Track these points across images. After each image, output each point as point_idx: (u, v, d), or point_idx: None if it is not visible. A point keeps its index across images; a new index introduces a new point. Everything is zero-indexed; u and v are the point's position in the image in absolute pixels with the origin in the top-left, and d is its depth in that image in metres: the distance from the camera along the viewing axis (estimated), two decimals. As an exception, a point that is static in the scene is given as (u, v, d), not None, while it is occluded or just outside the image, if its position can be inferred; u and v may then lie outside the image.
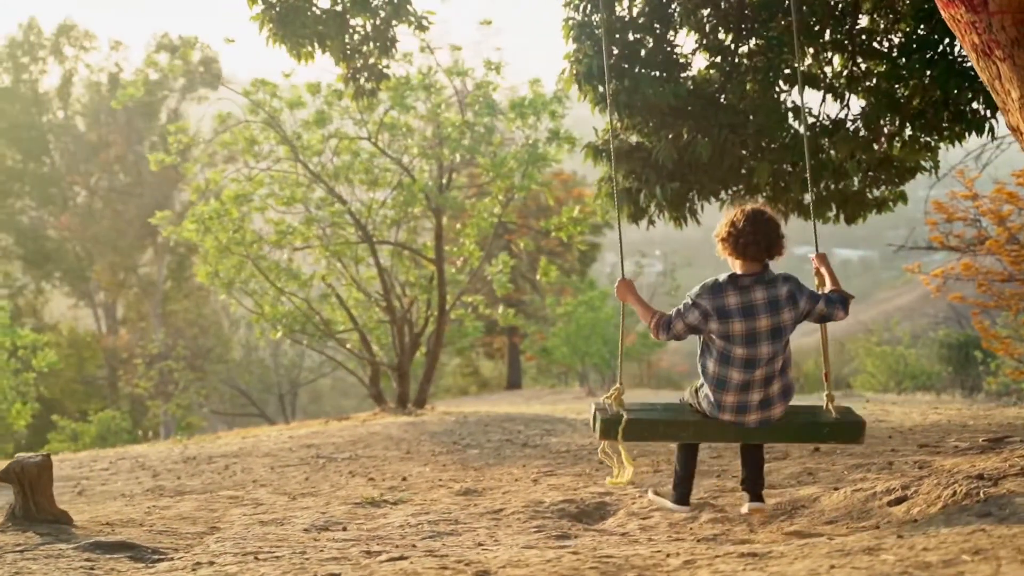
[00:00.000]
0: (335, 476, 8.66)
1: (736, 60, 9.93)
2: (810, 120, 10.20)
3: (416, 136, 16.13)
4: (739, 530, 5.57)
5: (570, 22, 9.84)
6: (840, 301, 5.22)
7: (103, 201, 42.84)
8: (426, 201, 15.93)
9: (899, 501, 5.48)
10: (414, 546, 5.05)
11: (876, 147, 10.05)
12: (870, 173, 10.45)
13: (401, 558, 4.42)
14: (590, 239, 43.00)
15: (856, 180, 10.59)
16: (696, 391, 5.31)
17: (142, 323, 41.66)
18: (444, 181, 16.52)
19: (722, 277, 5.10)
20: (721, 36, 9.92)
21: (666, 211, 10.31)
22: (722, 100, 9.85)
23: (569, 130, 15.50)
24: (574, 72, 9.80)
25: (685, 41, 10.11)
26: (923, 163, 10.26)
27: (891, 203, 10.81)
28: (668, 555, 3.99)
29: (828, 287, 5.40)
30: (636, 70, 9.66)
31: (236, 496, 7.08)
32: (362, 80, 10.21)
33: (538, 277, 19.83)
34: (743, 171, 10.19)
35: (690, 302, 5.14)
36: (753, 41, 9.90)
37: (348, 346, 17.73)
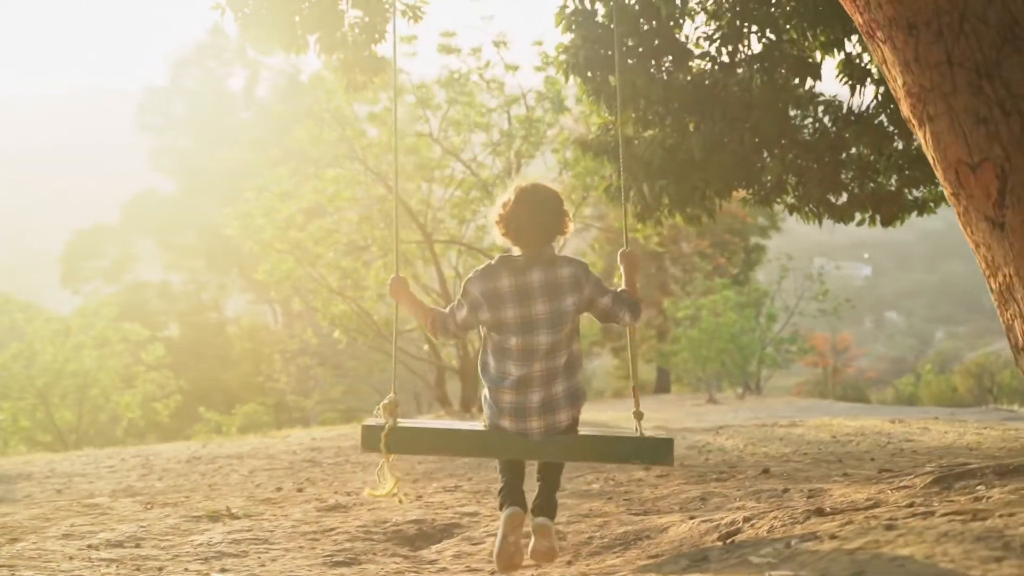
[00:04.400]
0: (275, 483, 8.41)
1: (735, 48, 9.13)
2: (833, 113, 9.36)
3: (481, 132, 15.72)
4: (560, 561, 5.02)
5: (565, 10, 9.31)
6: (629, 305, 4.35)
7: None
8: (490, 198, 15.47)
9: (731, 535, 4.82)
10: (159, 569, 4.71)
11: (899, 142, 9.12)
12: (906, 172, 9.50)
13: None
14: (756, 240, 41.47)
15: (894, 179, 9.68)
16: (484, 398, 4.42)
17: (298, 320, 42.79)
18: (510, 177, 15.93)
19: (495, 259, 4.30)
20: (722, 22, 9.15)
21: (674, 210, 9.68)
22: (722, 92, 9.07)
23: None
24: (563, 62, 9.27)
25: (691, 32, 9.39)
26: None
27: (932, 204, 9.82)
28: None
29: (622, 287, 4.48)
30: (630, 61, 9.05)
31: (95, 504, 6.88)
32: (356, 73, 9.89)
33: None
34: (759, 168, 9.44)
35: (460, 293, 4.38)
36: (755, 28, 9.09)
37: (425, 347, 17.48)
